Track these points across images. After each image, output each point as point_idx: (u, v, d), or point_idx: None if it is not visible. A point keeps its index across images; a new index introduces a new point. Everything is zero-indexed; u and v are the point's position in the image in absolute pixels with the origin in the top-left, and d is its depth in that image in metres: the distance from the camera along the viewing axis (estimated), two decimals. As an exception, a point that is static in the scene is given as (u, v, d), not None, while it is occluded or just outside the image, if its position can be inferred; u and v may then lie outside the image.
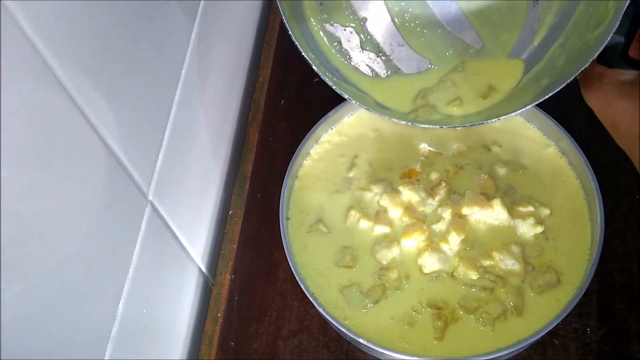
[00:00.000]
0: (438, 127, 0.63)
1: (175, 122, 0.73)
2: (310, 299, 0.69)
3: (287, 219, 0.76)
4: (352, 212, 0.75)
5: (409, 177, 0.78)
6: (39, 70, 0.49)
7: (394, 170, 0.79)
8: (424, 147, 0.80)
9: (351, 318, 0.69)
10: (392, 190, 0.76)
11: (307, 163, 0.80)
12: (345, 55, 0.67)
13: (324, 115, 0.80)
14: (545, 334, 0.64)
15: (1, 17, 0.44)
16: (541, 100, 0.57)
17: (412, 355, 0.66)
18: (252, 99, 0.99)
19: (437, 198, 0.75)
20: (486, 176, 0.76)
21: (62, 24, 0.52)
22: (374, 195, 0.76)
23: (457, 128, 0.75)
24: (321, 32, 0.66)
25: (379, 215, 0.75)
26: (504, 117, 0.60)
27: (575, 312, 0.68)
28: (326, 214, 0.77)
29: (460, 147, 0.79)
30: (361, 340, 0.66)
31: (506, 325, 0.67)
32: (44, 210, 0.51)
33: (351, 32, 0.67)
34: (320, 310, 0.68)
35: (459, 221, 0.72)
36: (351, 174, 0.79)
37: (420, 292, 0.70)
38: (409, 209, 0.74)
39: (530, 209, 0.72)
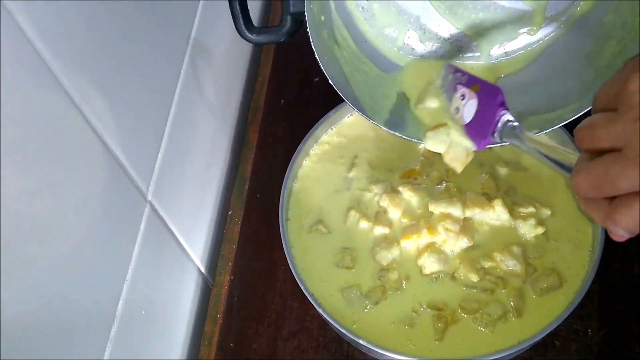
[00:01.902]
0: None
1: (175, 122, 0.73)
2: (310, 299, 0.69)
3: (287, 219, 0.75)
4: (352, 213, 0.75)
5: (409, 177, 0.78)
6: (39, 70, 0.49)
7: (394, 170, 0.79)
8: (424, 146, 0.80)
9: (351, 319, 0.69)
10: (392, 190, 0.76)
11: (306, 163, 0.80)
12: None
13: (324, 116, 0.80)
14: (546, 335, 0.64)
15: (1, 17, 0.44)
16: None
17: (412, 356, 0.66)
18: (252, 99, 0.98)
19: (440, 198, 0.74)
20: (487, 176, 0.76)
21: (62, 24, 0.52)
22: (374, 196, 0.76)
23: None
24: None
25: (379, 216, 0.75)
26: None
27: (576, 313, 0.67)
28: (326, 214, 0.76)
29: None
30: (361, 342, 0.66)
31: (507, 326, 0.67)
32: (43, 211, 0.50)
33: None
34: (320, 311, 0.68)
35: (467, 226, 0.72)
36: (351, 174, 0.79)
37: (421, 293, 0.70)
38: (408, 209, 0.74)
39: (531, 209, 0.72)
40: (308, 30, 0.60)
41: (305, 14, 0.59)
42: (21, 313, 0.48)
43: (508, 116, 0.54)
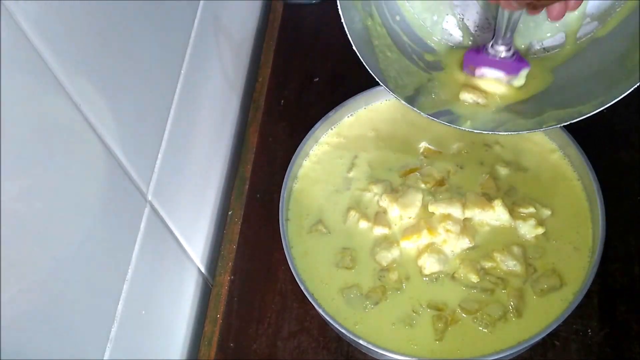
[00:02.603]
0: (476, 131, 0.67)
1: (175, 123, 0.73)
2: (310, 300, 0.69)
3: (287, 219, 0.75)
4: (352, 213, 0.75)
5: (409, 176, 0.78)
6: (39, 70, 0.49)
7: (394, 170, 0.79)
8: (424, 145, 0.80)
9: (351, 319, 0.69)
10: (392, 190, 0.76)
11: (306, 163, 0.80)
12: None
13: (323, 116, 0.80)
14: (546, 335, 0.64)
15: (1, 17, 0.44)
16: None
17: (412, 356, 0.66)
18: (252, 99, 0.98)
19: (440, 198, 0.74)
20: (487, 176, 0.76)
21: (62, 24, 0.52)
22: (374, 196, 0.76)
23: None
24: None
25: (379, 216, 0.75)
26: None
27: (576, 314, 0.67)
28: (326, 214, 0.76)
29: (460, 146, 0.79)
30: (361, 342, 0.66)
31: (507, 326, 0.67)
32: (43, 210, 0.50)
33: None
34: (320, 311, 0.68)
35: (469, 226, 0.72)
36: (351, 174, 0.79)
37: (421, 293, 0.70)
38: (408, 209, 0.74)
39: (531, 210, 0.72)
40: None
41: None
42: (21, 313, 0.48)
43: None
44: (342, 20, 0.62)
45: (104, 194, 0.59)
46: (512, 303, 0.68)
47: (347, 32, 0.63)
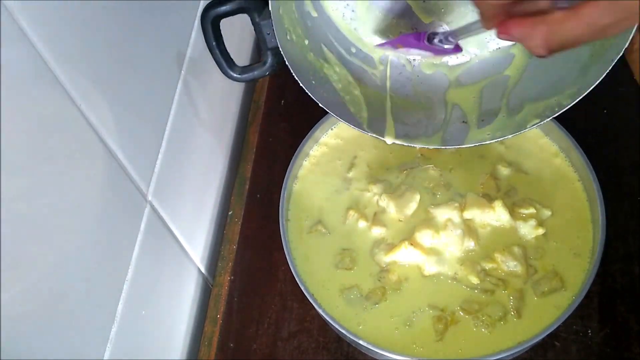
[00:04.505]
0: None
1: (175, 123, 0.73)
2: (311, 300, 0.68)
3: (287, 220, 0.75)
4: (351, 213, 0.75)
5: (409, 175, 0.78)
6: (39, 70, 0.49)
7: (392, 169, 0.79)
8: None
9: (351, 320, 0.69)
10: (392, 190, 0.76)
11: (306, 164, 0.80)
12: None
13: (324, 116, 0.80)
14: (546, 335, 0.64)
15: (1, 17, 0.44)
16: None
17: (413, 357, 0.66)
18: (252, 99, 0.98)
19: (439, 198, 0.74)
20: (487, 176, 0.76)
21: (62, 24, 0.52)
22: (373, 196, 0.76)
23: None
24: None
25: (378, 217, 0.75)
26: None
27: (576, 314, 0.67)
28: (325, 215, 0.76)
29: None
30: (361, 342, 0.66)
31: (507, 327, 0.67)
32: (43, 211, 0.50)
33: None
34: (321, 311, 0.68)
35: (471, 228, 0.72)
36: (350, 174, 0.79)
37: (421, 294, 0.70)
38: (408, 209, 0.74)
39: (532, 210, 0.72)
40: (287, 63, 0.62)
41: (280, 48, 0.61)
42: (21, 313, 0.48)
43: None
44: (302, 85, 0.62)
45: (104, 194, 0.59)
46: (512, 304, 0.68)
47: (314, 98, 0.63)
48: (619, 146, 0.85)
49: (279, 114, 0.96)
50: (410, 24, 0.70)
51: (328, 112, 0.79)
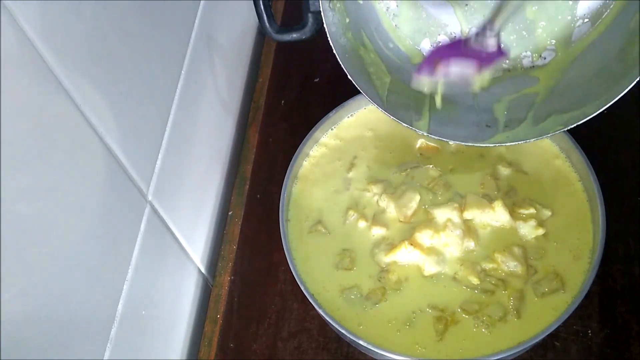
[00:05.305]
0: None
1: (175, 123, 0.73)
2: (311, 300, 0.68)
3: (287, 220, 0.75)
4: (351, 213, 0.75)
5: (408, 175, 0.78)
6: (39, 70, 0.49)
7: (392, 169, 0.79)
8: (422, 143, 0.80)
9: (351, 320, 0.69)
10: (392, 190, 0.76)
11: (306, 164, 0.80)
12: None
13: (324, 116, 0.80)
14: (546, 336, 0.64)
15: (1, 17, 0.44)
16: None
17: (412, 357, 0.65)
18: (252, 99, 0.98)
19: (439, 198, 0.74)
20: (487, 176, 0.76)
21: (62, 24, 0.52)
22: (373, 196, 0.76)
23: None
24: None
25: (378, 217, 0.75)
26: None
27: (577, 314, 0.67)
28: (325, 215, 0.76)
29: (459, 144, 0.79)
30: (361, 342, 0.66)
31: (507, 327, 0.67)
32: (43, 211, 0.50)
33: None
34: (321, 311, 0.68)
35: (472, 228, 0.72)
36: (350, 175, 0.79)
37: (421, 294, 0.70)
38: (407, 209, 0.74)
39: (532, 211, 0.72)
40: (325, 29, 0.61)
41: (323, 17, 0.60)
42: (21, 313, 0.48)
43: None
44: (335, 52, 0.62)
45: (104, 193, 0.59)
46: (512, 304, 0.68)
47: (341, 63, 0.62)
48: (619, 147, 0.85)
49: (279, 114, 0.96)
50: (450, 32, 0.71)
51: (328, 112, 0.80)
